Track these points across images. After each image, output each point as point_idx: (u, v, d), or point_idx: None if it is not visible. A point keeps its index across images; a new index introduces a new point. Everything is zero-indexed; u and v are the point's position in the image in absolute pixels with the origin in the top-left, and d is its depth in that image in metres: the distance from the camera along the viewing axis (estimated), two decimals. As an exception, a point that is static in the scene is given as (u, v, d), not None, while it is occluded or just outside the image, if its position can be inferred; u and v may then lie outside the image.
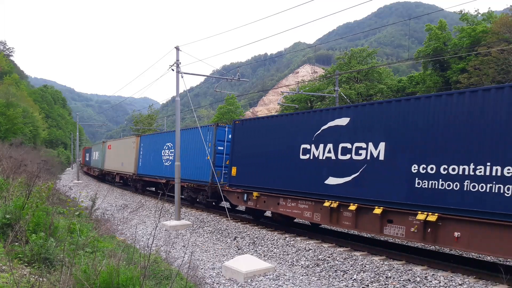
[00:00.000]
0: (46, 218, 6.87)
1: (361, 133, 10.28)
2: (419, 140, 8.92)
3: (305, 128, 12.01)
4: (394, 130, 9.48)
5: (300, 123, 12.39)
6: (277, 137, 13.20)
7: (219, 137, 17.50)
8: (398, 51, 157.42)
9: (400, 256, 9.56)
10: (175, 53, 16.44)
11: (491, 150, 7.70)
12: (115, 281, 4.80)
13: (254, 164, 14.14)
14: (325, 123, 11.38)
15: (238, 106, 67.34)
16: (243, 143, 14.93)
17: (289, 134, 12.69)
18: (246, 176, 14.54)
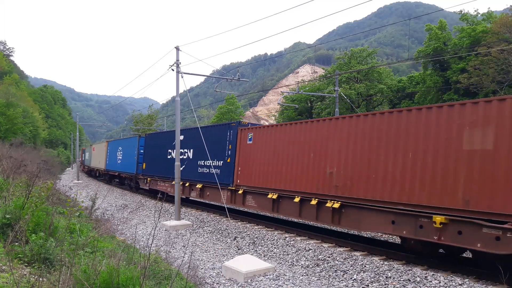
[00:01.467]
0: (46, 218, 6.87)
1: (186, 144, 19.31)
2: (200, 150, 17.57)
3: (170, 140, 20.44)
4: (196, 144, 18.28)
5: (169, 137, 20.82)
6: (160, 146, 22.36)
7: (141, 144, 25.43)
8: (398, 51, 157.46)
9: (400, 256, 9.56)
10: (175, 53, 16.45)
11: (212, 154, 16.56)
12: (115, 281, 4.80)
13: (151, 161, 23.27)
14: (182, 136, 18.83)
15: (238, 106, 67.35)
16: (149, 148, 24.14)
17: (165, 144, 21.59)
18: (148, 169, 23.61)
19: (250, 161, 14.70)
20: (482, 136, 7.86)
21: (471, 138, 8.03)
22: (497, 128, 7.63)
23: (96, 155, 40.65)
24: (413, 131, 9.05)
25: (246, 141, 15.09)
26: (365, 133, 10.12)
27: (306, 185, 11.82)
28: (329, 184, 11.02)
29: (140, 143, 25.43)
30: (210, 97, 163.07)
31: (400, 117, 9.44)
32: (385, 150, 9.60)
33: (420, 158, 8.83)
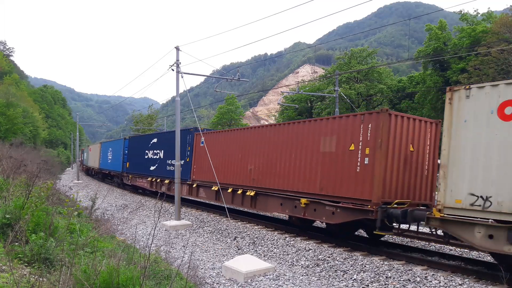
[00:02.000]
0: (46, 218, 6.87)
1: (159, 146, 22.51)
2: (168, 150, 20.63)
3: (147, 143, 24.47)
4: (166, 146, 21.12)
5: (147, 140, 24.97)
6: (139, 147, 25.68)
7: (126, 145, 28.74)
8: (398, 51, 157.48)
9: (400, 256, 9.57)
10: (175, 53, 16.45)
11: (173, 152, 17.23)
12: (115, 281, 4.80)
13: (133, 161, 26.93)
14: (152, 139, 23.94)
15: (238, 106, 67.33)
16: (131, 150, 27.69)
17: (143, 146, 25.02)
18: (131, 167, 27.32)
19: (202, 160, 17.93)
20: (330, 142, 11.13)
21: (325, 144, 11.31)
22: (339, 137, 10.83)
23: (91, 155, 44.55)
24: (294, 139, 12.43)
25: (199, 144, 18.33)
26: (270, 140, 13.59)
27: (236, 179, 15.17)
28: (249, 178, 14.48)
29: (125, 144, 28.83)
30: (210, 97, 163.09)
31: (286, 128, 13.06)
32: (279, 152, 12.98)
33: (298, 158, 12.24)
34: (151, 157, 23.50)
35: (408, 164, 10.20)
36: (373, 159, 9.81)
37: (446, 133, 8.24)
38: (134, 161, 26.57)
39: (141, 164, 24.87)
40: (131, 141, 28.48)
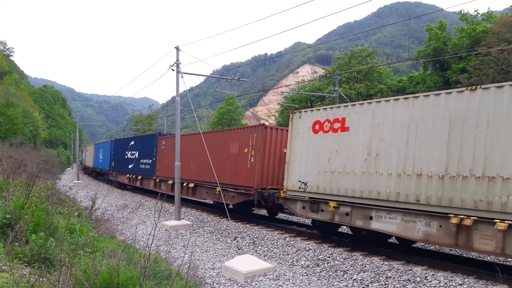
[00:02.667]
0: (46, 218, 6.87)
1: (135, 148, 26.66)
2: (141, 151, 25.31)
3: (127, 145, 28.51)
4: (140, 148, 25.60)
5: (127, 142, 29.12)
6: (122, 148, 29.97)
7: (112, 147, 32.74)
8: (398, 51, 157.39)
9: (400, 256, 9.56)
10: (175, 53, 16.45)
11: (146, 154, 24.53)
12: (115, 281, 4.80)
13: (117, 160, 31.16)
14: (131, 142, 28.22)
15: (238, 106, 67.32)
16: (116, 150, 31.86)
17: (124, 147, 29.06)
18: (115, 166, 31.52)
19: (162, 160, 22.38)
20: (235, 146, 15.31)
21: (233, 147, 15.49)
22: (240, 143, 15.08)
23: (88, 155, 49.27)
24: (216, 144, 16.77)
25: (161, 147, 22.72)
26: (202, 144, 16.94)
27: (185, 174, 18.72)
28: (192, 173, 18.70)
29: (112, 146, 32.99)
30: (210, 97, 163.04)
31: (212, 135, 17.65)
32: (209, 153, 16.49)
33: (218, 158, 16.39)
34: (129, 157, 27.99)
35: (282, 161, 13.78)
36: (255, 158, 14.06)
37: (289, 141, 12.45)
38: (118, 161, 31.00)
39: (122, 163, 29.51)
40: (116, 143, 32.91)
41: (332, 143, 10.95)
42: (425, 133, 8.79)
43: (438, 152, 8.46)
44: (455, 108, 8.24)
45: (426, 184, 8.57)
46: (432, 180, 8.49)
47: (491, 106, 7.71)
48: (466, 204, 7.84)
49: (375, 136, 9.85)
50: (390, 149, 9.47)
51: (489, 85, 7.88)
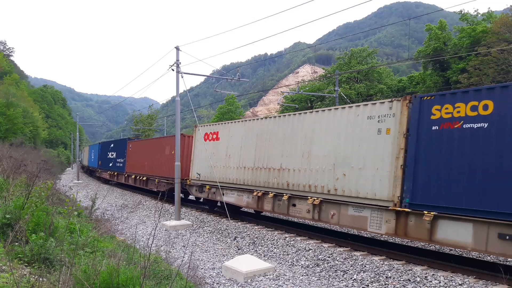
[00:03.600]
0: (46, 218, 6.87)
1: (114, 150, 32.71)
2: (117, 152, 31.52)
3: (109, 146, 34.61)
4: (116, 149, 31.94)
5: (109, 144, 35.21)
6: (106, 149, 35.08)
7: (100, 148, 38.26)
8: (398, 51, 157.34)
9: (400, 256, 9.56)
10: (175, 53, 16.45)
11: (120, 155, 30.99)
12: (115, 281, 4.80)
13: (102, 159, 36.00)
14: (111, 144, 34.20)
15: (238, 106, 67.35)
16: (102, 151, 36.95)
17: (107, 149, 34.63)
18: (101, 165, 36.80)
19: (130, 159, 28.22)
20: (167, 149, 20.96)
21: (167, 150, 21.11)
22: (170, 146, 20.38)
23: (84, 155, 55.65)
24: (156, 147, 22.93)
25: (129, 148, 28.76)
26: (150, 147, 24.18)
27: (142, 170, 25.08)
28: (145, 170, 24.47)
29: (99, 147, 38.93)
30: (210, 97, 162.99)
31: (155, 140, 24.41)
32: (154, 154, 22.97)
33: (159, 158, 22.15)
34: (110, 157, 33.80)
35: None
36: (187, 158, 19.14)
37: (193, 146, 18.34)
38: (103, 160, 36.80)
39: (105, 162, 35.32)
40: (102, 145, 39.08)
41: (212, 148, 16.68)
42: (247, 142, 14.68)
43: (252, 154, 14.28)
44: (260, 128, 14.14)
45: (246, 173, 14.51)
46: (249, 171, 14.39)
47: (271, 127, 13.62)
48: (260, 183, 13.71)
49: (230, 143, 15.69)
50: (234, 152, 15.36)
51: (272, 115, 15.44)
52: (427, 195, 8.64)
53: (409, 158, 9.06)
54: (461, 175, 8.10)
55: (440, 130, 8.56)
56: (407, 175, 9.05)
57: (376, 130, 9.98)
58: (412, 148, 9.02)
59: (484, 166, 7.76)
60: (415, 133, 8.97)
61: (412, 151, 9.02)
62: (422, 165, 8.82)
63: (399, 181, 9.16)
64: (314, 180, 11.49)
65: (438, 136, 8.55)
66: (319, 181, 11.32)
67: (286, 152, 12.68)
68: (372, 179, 9.78)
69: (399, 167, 9.22)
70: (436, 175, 8.55)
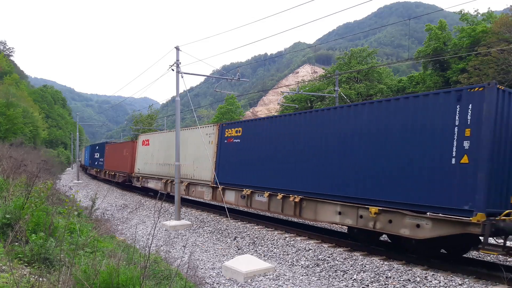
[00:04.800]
0: (46, 218, 6.87)
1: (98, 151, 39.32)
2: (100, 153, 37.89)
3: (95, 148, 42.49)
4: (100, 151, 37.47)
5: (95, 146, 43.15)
6: (93, 150, 42.35)
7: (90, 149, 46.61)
8: (398, 51, 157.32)
9: (400, 256, 9.56)
10: (175, 53, 16.44)
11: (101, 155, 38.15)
12: (115, 281, 4.80)
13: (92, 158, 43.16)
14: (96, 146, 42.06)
15: (238, 106, 67.37)
16: (91, 151, 44.13)
17: (94, 150, 42.27)
18: (91, 163, 43.93)
19: (108, 159, 34.24)
20: (124, 152, 29.14)
21: (124, 152, 29.12)
22: (126, 150, 28.80)
23: (82, 155, 61.82)
24: (121, 149, 30.53)
25: (106, 150, 34.99)
26: (117, 149, 32.11)
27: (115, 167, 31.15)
28: (114, 166, 31.76)
29: (90, 149, 47.13)
30: (210, 97, 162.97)
31: (119, 144, 33.92)
32: (117, 155, 31.06)
33: (120, 157, 29.98)
34: (95, 157, 40.73)
35: None
36: (129, 157, 27.05)
37: (137, 148, 26.12)
38: (92, 159, 43.57)
39: (93, 161, 42.23)
40: (91, 147, 47.20)
41: (145, 151, 24.34)
42: (160, 147, 22.10)
43: (163, 154, 21.54)
44: (166, 137, 21.54)
45: (159, 167, 21.98)
46: (160, 166, 21.86)
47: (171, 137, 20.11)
48: (166, 174, 20.94)
49: (153, 148, 23.11)
50: (154, 154, 22.87)
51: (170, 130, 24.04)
52: (222, 177, 15.71)
53: (217, 158, 16.24)
54: (231, 166, 15.38)
55: (227, 142, 15.71)
56: (216, 167, 16.14)
57: (209, 141, 16.99)
58: (219, 152, 16.22)
59: (237, 160, 14.98)
60: (220, 144, 16.17)
61: (218, 154, 16.24)
62: (221, 162, 16.02)
63: (213, 170, 16.23)
64: (186, 171, 18.61)
65: (226, 146, 15.75)
66: (189, 172, 18.55)
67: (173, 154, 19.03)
68: (205, 169, 17.04)
69: (213, 163, 16.32)
70: (224, 167, 15.78)
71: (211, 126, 17.35)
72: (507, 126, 7.99)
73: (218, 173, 15.80)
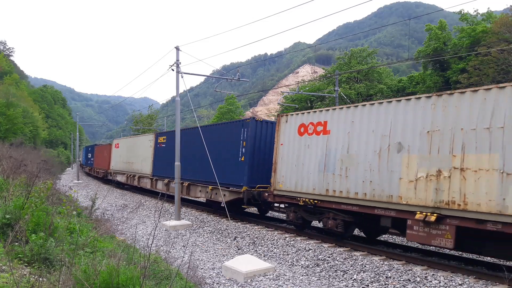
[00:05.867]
0: (46, 218, 6.87)
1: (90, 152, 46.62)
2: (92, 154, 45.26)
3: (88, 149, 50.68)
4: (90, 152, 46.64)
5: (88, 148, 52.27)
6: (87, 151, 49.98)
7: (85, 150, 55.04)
8: (398, 51, 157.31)
9: (400, 256, 9.57)
10: (175, 53, 16.44)
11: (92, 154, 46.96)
12: (115, 281, 4.80)
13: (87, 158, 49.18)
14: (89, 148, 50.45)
15: (238, 106, 67.33)
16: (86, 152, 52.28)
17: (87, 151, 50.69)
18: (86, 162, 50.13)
19: (96, 158, 40.36)
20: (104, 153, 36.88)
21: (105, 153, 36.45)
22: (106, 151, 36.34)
23: (81, 155, 66.63)
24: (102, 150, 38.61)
25: (95, 151, 41.89)
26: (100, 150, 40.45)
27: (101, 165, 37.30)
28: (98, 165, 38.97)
29: (85, 149, 54.17)
30: (210, 97, 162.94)
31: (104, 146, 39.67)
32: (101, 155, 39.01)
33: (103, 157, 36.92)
34: (89, 157, 47.04)
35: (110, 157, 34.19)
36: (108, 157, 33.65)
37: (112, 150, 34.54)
38: (86, 159, 49.93)
39: (87, 160, 48.68)
40: (86, 148, 54.42)
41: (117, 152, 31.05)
42: (127, 148, 28.87)
43: (126, 155, 28.55)
44: (129, 141, 29.48)
45: (124, 165, 28.78)
46: (124, 163, 28.66)
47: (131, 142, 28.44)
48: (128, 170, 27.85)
49: (122, 149, 29.96)
50: (122, 154, 29.84)
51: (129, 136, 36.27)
52: (156, 172, 22.63)
53: (153, 158, 23.10)
54: (160, 163, 22.14)
55: (159, 147, 22.64)
56: (153, 165, 23.11)
57: (149, 146, 24.01)
58: (154, 154, 23.13)
59: (163, 160, 21.63)
60: (155, 148, 23.06)
61: (154, 155, 23.11)
62: (155, 161, 22.93)
63: (151, 167, 23.33)
64: (137, 167, 25.68)
65: (158, 149, 22.72)
66: (139, 168, 25.39)
67: (132, 155, 27.48)
68: (147, 166, 23.86)
69: (151, 161, 23.39)
70: (157, 164, 22.67)
71: (152, 135, 24.55)
72: (259, 140, 14.55)
73: (153, 169, 23.22)
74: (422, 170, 8.43)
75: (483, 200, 7.34)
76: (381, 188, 9.30)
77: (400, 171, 8.92)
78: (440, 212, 8.03)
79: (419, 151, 8.60)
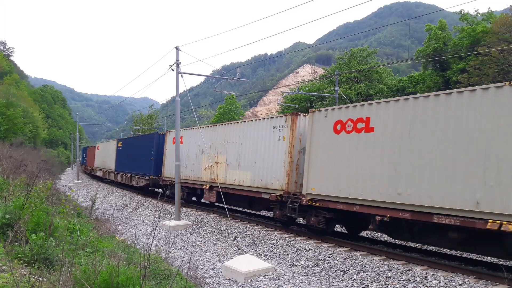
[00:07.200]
0: (45, 218, 6.86)
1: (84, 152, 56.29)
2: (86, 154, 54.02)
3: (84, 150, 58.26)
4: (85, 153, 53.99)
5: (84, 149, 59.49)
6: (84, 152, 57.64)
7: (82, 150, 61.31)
8: (398, 51, 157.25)
9: (400, 256, 9.57)
10: (175, 53, 16.44)
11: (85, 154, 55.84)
12: (115, 281, 4.79)
13: (84, 158, 54.55)
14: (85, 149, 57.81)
15: (238, 106, 67.34)
16: (83, 153, 57.46)
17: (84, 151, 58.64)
18: (84, 161, 54.77)
19: (89, 158, 46.44)
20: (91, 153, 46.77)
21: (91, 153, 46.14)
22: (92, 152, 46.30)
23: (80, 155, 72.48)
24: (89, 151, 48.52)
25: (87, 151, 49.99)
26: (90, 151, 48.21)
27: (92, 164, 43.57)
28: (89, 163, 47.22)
29: (83, 150, 59.95)
30: (210, 97, 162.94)
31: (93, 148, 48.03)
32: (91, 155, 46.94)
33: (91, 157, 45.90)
34: (84, 157, 54.03)
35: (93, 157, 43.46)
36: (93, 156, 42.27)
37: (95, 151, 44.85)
38: (83, 158, 55.94)
39: (83, 159, 55.22)
40: (83, 149, 59.54)
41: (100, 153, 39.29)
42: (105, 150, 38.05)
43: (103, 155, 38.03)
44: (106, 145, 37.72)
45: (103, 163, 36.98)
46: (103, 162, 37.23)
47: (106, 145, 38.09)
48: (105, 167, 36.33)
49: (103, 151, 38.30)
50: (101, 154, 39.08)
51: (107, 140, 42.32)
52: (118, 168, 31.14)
53: (116, 157, 31.85)
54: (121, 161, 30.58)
55: (119, 149, 31.55)
56: (116, 162, 31.83)
57: (114, 149, 32.57)
58: (117, 155, 32.39)
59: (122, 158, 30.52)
60: (117, 150, 32.06)
61: (116, 155, 32.48)
62: (117, 159, 31.70)
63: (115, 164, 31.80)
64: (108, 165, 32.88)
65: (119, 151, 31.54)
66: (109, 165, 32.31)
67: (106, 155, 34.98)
68: (112, 164, 32.28)
69: (115, 160, 32.20)
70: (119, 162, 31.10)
71: (115, 140, 33.46)
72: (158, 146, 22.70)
73: (116, 165, 31.12)
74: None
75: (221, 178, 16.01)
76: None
77: None
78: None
79: None
